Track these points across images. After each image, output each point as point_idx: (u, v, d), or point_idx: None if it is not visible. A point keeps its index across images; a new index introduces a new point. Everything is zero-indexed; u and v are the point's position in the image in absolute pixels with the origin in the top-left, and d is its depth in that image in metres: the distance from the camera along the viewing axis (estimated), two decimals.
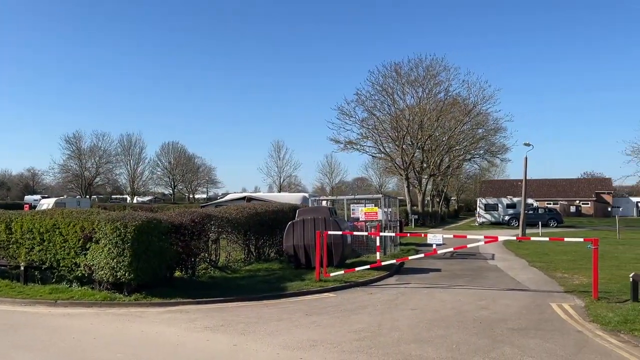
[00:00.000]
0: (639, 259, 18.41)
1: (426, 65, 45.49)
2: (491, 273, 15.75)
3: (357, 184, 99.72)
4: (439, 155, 49.17)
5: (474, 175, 75.48)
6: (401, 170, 47.44)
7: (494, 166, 73.22)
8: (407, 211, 43.90)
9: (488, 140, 54.11)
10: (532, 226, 37.10)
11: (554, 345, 7.67)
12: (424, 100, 46.25)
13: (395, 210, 25.40)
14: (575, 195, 73.67)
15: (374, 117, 46.75)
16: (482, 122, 50.21)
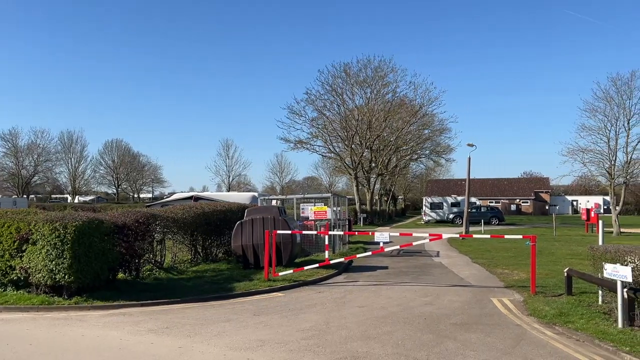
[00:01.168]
0: (573, 254, 19.37)
1: (374, 66, 46.18)
2: (436, 270, 16.17)
3: (308, 183, 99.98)
4: (387, 155, 49.97)
5: (421, 175, 77.28)
6: (350, 169, 47.93)
7: (439, 166, 75.17)
8: (356, 210, 44.41)
9: (434, 140, 55.54)
10: (475, 224, 38.37)
11: (494, 339, 7.96)
12: (373, 100, 46.91)
13: (344, 209, 25.64)
14: (516, 194, 76.83)
15: (324, 116, 47.02)
16: (428, 123, 51.44)
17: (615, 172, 34.23)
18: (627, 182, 35.98)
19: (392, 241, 22.61)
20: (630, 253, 8.97)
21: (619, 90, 33.76)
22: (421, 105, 47.15)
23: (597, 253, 10.11)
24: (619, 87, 33.79)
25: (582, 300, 10.59)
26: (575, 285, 11.64)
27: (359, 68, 46.22)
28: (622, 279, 8.18)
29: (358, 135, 46.41)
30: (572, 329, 8.45)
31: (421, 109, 47.49)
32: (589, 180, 40.11)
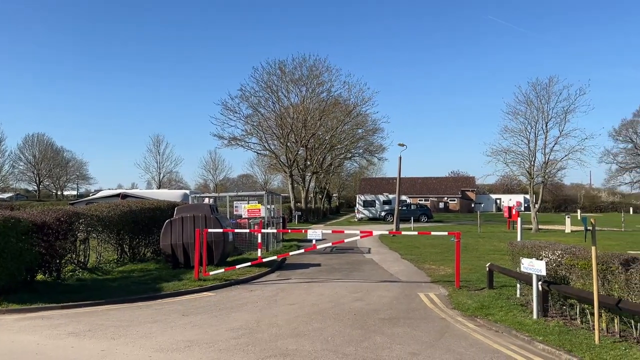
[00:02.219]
0: (495, 250, 20.35)
1: (310, 65, 46.41)
2: (367, 266, 16.50)
3: (243, 180, 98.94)
4: (322, 153, 50.40)
5: (354, 173, 78.65)
6: (286, 167, 47.92)
7: (372, 164, 76.74)
8: (291, 208, 44.47)
9: (367, 139, 56.63)
10: (406, 221, 39.53)
11: (420, 332, 8.23)
12: (308, 99, 47.13)
13: (278, 207, 25.59)
14: (444, 193, 79.79)
15: (259, 113, 46.74)
16: (362, 123, 52.38)
17: (534, 172, 36.31)
18: (545, 182, 38.29)
19: (326, 238, 22.82)
20: (545, 248, 9.57)
21: (538, 95, 35.86)
22: (355, 105, 47.95)
23: (515, 249, 10.70)
24: (538, 91, 35.90)
25: (502, 293, 11.17)
26: (497, 279, 12.26)
27: (294, 66, 46.35)
28: (537, 272, 8.69)
29: (293, 133, 46.48)
30: (492, 321, 8.90)
31: (355, 109, 48.30)
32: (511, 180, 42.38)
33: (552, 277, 9.01)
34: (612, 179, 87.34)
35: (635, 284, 7.23)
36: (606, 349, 6.83)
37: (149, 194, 26.24)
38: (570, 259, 8.71)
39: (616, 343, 7.14)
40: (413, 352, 7.10)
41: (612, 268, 7.68)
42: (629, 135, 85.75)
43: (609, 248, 17.84)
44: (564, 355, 6.82)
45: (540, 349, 7.26)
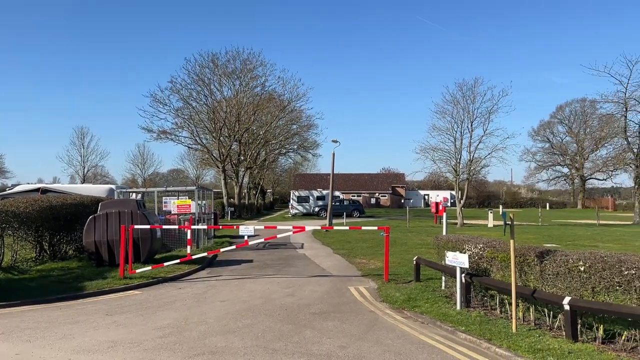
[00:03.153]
0: (423, 244, 21.05)
1: (243, 58, 45.81)
2: (299, 261, 16.56)
3: (173, 175, 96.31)
4: (255, 148, 49.98)
5: (289, 169, 78.66)
6: (218, 162, 47.07)
7: (306, 160, 77.15)
8: (224, 203, 43.80)
9: (301, 135, 56.85)
10: (339, 217, 40.02)
11: (349, 325, 8.35)
12: (242, 93, 46.51)
13: (210, 203, 25.11)
14: (376, 189, 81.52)
15: (190, 106, 45.51)
16: (297, 119, 52.50)
17: (460, 169, 37.89)
18: (470, 179, 40.06)
19: (259, 234, 22.68)
20: (468, 242, 10.00)
21: (464, 95, 37.46)
22: (290, 101, 47.91)
23: (441, 242, 11.11)
24: (465, 92, 37.50)
25: (428, 285, 11.56)
26: (424, 272, 12.67)
27: (228, 59, 45.56)
28: (461, 265, 9.06)
29: (226, 128, 45.77)
30: (418, 313, 9.19)
31: (290, 104, 48.26)
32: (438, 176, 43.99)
33: (475, 269, 9.43)
34: (531, 176, 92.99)
35: (548, 274, 7.71)
36: (522, 337, 7.23)
37: (72, 188, 24.90)
38: (491, 252, 9.15)
39: (531, 331, 7.58)
40: (342, 345, 7.20)
41: (528, 260, 8.14)
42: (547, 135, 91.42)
43: (527, 241, 18.93)
44: (484, 343, 7.16)
45: (462, 338, 7.58)
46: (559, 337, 7.17)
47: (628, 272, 6.46)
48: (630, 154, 42.73)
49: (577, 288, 7.18)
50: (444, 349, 7.05)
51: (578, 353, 6.40)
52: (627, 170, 45.96)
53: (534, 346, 6.76)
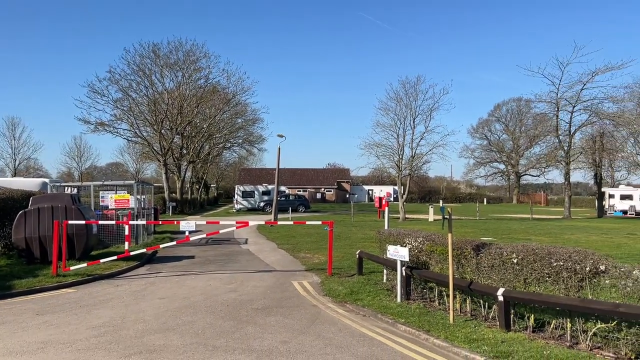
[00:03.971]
0: (366, 238, 21.34)
1: (186, 49, 44.66)
2: (243, 257, 16.38)
3: (112, 169, 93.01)
4: (199, 142, 48.97)
5: (234, 163, 77.60)
6: (159, 156, 45.73)
7: (252, 155, 76.27)
8: (165, 198, 42.71)
9: (247, 129, 56.18)
10: (284, 211, 39.95)
11: (292, 320, 8.33)
12: (184, 85, 45.37)
13: (150, 198, 24.39)
14: (321, 184, 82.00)
15: (130, 98, 43.87)
16: (241, 112, 51.83)
17: (402, 165, 38.69)
18: (412, 174, 41.00)
19: (201, 230, 22.28)
20: (409, 236, 10.20)
21: (407, 93, 38.24)
22: (234, 94, 47.23)
23: (383, 236, 11.29)
24: (407, 89, 38.29)
25: (370, 279, 11.73)
26: (366, 265, 12.84)
27: (170, 50, 44.25)
28: (401, 258, 9.24)
29: (168, 120, 44.56)
30: (360, 306, 9.30)
31: (234, 98, 47.57)
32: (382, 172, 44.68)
33: (415, 262, 9.63)
34: (469, 172, 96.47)
35: (484, 267, 7.99)
36: (459, 327, 7.46)
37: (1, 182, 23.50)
38: (430, 246, 9.38)
39: (468, 321, 7.83)
40: (284, 340, 7.17)
41: (465, 253, 8.40)
42: (485, 133, 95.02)
43: (465, 235, 19.59)
44: (422, 335, 7.33)
45: (402, 330, 7.73)
46: (494, 327, 7.45)
47: (557, 264, 6.78)
48: (561, 152, 45.09)
49: (510, 279, 7.47)
50: (384, 341, 7.16)
51: (510, 342, 6.67)
52: (559, 167, 48.51)
53: (469, 336, 6.99)
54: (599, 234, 25.43)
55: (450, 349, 6.69)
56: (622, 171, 54.85)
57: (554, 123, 45.04)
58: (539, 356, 6.09)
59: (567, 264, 6.66)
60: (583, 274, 6.51)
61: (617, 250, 17.58)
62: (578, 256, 6.64)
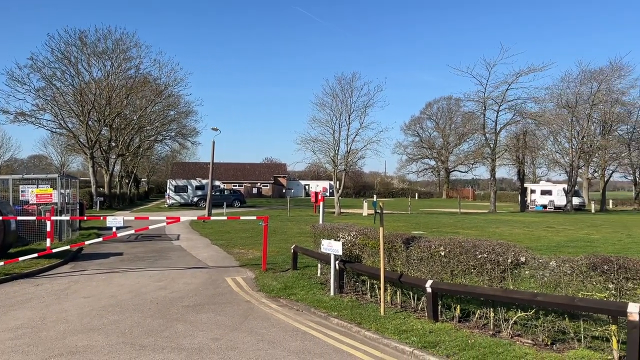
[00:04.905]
0: (302, 233, 21.38)
1: (116, 38, 42.81)
2: (174, 253, 15.95)
3: (34, 162, 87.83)
4: (128, 134, 47.19)
5: (166, 157, 75.42)
6: (86, 148, 43.62)
7: (185, 148, 74.56)
8: (92, 193, 40.89)
9: (179, 122, 54.73)
10: (219, 207, 39.29)
11: (224, 317, 8.20)
12: (113, 75, 43.48)
13: (75, 192, 23.20)
14: (258, 178, 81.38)
15: (54, 87, 41.51)
16: (174, 104, 50.40)
17: (338, 160, 39.10)
18: (347, 169, 41.52)
19: (130, 226, 21.51)
20: (342, 230, 10.31)
21: (343, 89, 38.63)
22: (166, 85, 45.82)
23: (317, 231, 11.34)
24: (343, 85, 38.68)
25: (305, 273, 11.76)
26: (301, 260, 12.86)
27: (98, 38, 42.24)
28: (335, 252, 9.32)
29: (95, 111, 42.58)
30: (293, 300, 9.30)
31: (167, 89, 46.17)
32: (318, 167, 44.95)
33: (348, 256, 9.76)
34: (402, 168, 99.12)
35: (414, 259, 8.21)
36: (389, 319, 7.64)
37: None
38: (363, 239, 9.53)
39: (398, 313, 8.03)
40: (215, 337, 7.04)
41: (396, 246, 8.60)
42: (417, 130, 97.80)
43: (397, 229, 20.08)
44: (354, 327, 7.44)
45: (335, 323, 7.80)
46: (422, 318, 7.68)
47: (481, 256, 7.08)
48: (488, 149, 47.25)
49: (438, 272, 7.73)
50: (317, 335, 7.21)
51: (437, 332, 6.90)
52: (485, 164, 50.88)
53: (399, 328, 7.17)
54: (521, 227, 26.88)
55: (380, 341, 6.83)
56: (542, 168, 58.38)
57: (481, 121, 47.11)
58: (464, 345, 6.33)
59: (490, 256, 6.97)
60: (505, 265, 6.84)
61: (537, 243, 18.65)
62: (501, 248, 6.97)
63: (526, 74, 44.01)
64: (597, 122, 52.08)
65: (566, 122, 49.13)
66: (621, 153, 53.91)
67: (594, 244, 18.60)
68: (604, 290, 5.98)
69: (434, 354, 6.15)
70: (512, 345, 6.31)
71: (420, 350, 6.28)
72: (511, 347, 6.22)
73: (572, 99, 49.21)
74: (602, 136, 51.12)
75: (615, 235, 22.24)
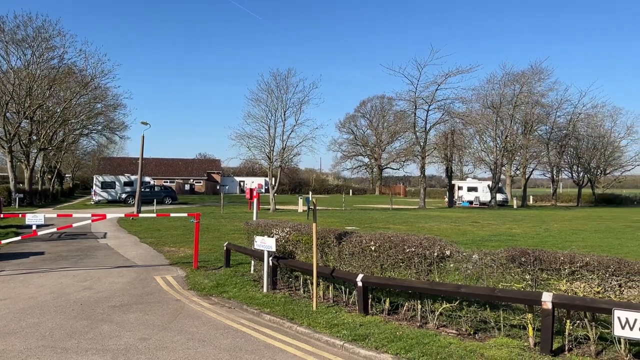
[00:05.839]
0: (236, 230, 21.15)
1: (37, 26, 40.19)
2: (100, 252, 15.30)
3: None
4: (51, 127, 44.61)
5: (92, 152, 72.04)
6: (4, 142, 40.80)
7: (113, 143, 71.45)
8: (10, 189, 38.43)
9: (107, 115, 52.49)
10: (149, 203, 38.07)
11: (152, 316, 7.98)
12: (34, 64, 40.90)
13: None
14: (190, 175, 79.64)
15: None
16: (101, 97, 48.23)
17: (273, 157, 39.00)
18: (283, 166, 41.50)
19: (53, 224, 20.46)
20: (276, 226, 10.31)
21: (278, 85, 38.54)
22: (93, 77, 43.72)
23: (251, 227, 11.27)
24: (278, 82, 38.60)
25: (238, 270, 11.67)
26: (234, 257, 12.75)
27: (17, 24, 39.47)
28: (268, 249, 9.30)
29: (14, 103, 39.90)
30: (225, 298, 9.20)
31: (93, 81, 44.07)
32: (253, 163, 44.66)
33: (281, 252, 9.77)
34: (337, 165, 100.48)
35: (345, 254, 8.36)
36: (321, 314, 7.73)
37: None
38: (296, 236, 9.57)
39: (330, 307, 8.14)
40: (143, 337, 6.84)
41: (328, 242, 8.71)
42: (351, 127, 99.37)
43: (331, 225, 20.31)
44: (286, 323, 7.47)
45: (267, 320, 7.80)
46: (354, 311, 7.83)
47: (409, 250, 7.32)
48: (418, 147, 48.75)
49: (369, 266, 7.90)
50: (249, 332, 7.17)
51: (367, 325, 7.07)
52: (416, 161, 52.49)
53: (330, 322, 7.27)
54: (448, 222, 27.99)
55: (312, 335, 6.90)
56: (469, 165, 60.92)
57: (412, 120, 48.52)
58: (392, 337, 6.53)
59: (418, 250, 7.22)
60: (432, 258, 7.11)
61: (463, 237, 19.50)
62: (427, 242, 7.23)
63: (454, 75, 45.82)
64: (519, 123, 55.02)
65: (491, 122, 51.58)
66: (540, 152, 57.42)
67: (515, 237, 19.70)
68: (522, 281, 6.36)
69: (363, 347, 6.29)
70: (438, 336, 6.57)
71: (351, 344, 6.41)
72: (437, 338, 6.48)
73: (496, 100, 51.74)
74: (524, 136, 54.08)
75: (534, 230, 23.66)
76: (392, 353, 6.03)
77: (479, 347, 6.14)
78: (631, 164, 64.12)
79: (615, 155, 63.43)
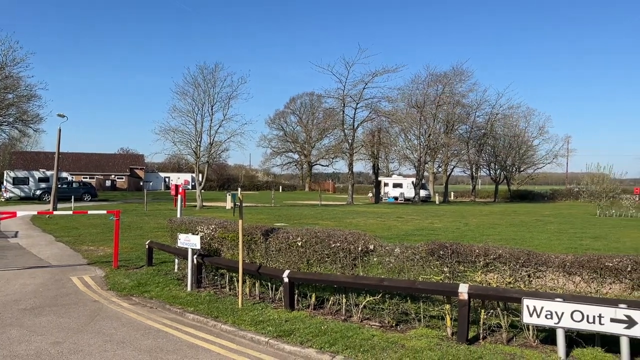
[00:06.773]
0: (160, 227, 20.46)
1: None
2: (11, 252, 14.30)
3: None
4: None
5: (3, 145, 67.04)
6: None
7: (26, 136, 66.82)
8: None
9: (20, 107, 48.97)
10: (66, 200, 36.03)
11: (67, 319, 7.56)
12: None
13: None
14: (112, 170, 76.17)
15: None
16: (13, 87, 44.97)
17: (200, 152, 38.13)
18: (210, 162, 40.68)
19: None
20: (201, 223, 10.08)
21: (205, 79, 37.69)
22: (3, 65, 40.73)
23: (174, 225, 10.96)
24: (205, 75, 37.75)
25: (161, 269, 11.32)
26: (157, 256, 12.36)
27: None
28: (193, 246, 9.09)
29: None
30: (147, 298, 8.90)
31: (3, 69, 41.05)
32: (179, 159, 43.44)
33: (207, 250, 9.58)
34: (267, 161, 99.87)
35: (272, 251, 8.32)
36: (247, 311, 7.66)
37: None
38: (222, 233, 9.41)
39: (256, 304, 8.08)
40: (56, 341, 6.46)
41: (255, 238, 8.64)
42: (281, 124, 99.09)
43: (260, 221, 20.18)
44: (211, 322, 7.33)
45: (190, 319, 7.62)
46: (280, 308, 7.82)
47: (335, 245, 7.41)
48: (346, 144, 49.52)
49: (295, 262, 7.92)
50: (171, 332, 6.97)
51: (293, 321, 7.09)
52: (344, 158, 53.20)
53: (256, 319, 7.22)
54: (375, 218, 28.65)
55: (237, 333, 6.82)
56: (395, 162, 62.69)
57: (341, 118, 49.20)
58: (318, 331, 6.59)
59: (343, 244, 7.33)
60: (356, 253, 7.24)
61: (388, 232, 20.04)
62: (352, 237, 7.36)
63: (381, 75, 46.93)
64: (441, 122, 57.27)
65: (415, 121, 53.30)
66: (461, 150, 60.17)
67: (437, 232, 20.50)
68: (440, 274, 6.63)
69: (288, 342, 6.30)
70: (361, 329, 6.70)
71: (276, 340, 6.40)
72: (360, 331, 6.61)
73: (420, 100, 53.55)
74: (446, 134, 56.36)
75: (454, 224, 24.74)
76: (317, 347, 6.08)
77: (400, 338, 6.33)
78: (542, 162, 68.84)
79: (529, 154, 67.78)
